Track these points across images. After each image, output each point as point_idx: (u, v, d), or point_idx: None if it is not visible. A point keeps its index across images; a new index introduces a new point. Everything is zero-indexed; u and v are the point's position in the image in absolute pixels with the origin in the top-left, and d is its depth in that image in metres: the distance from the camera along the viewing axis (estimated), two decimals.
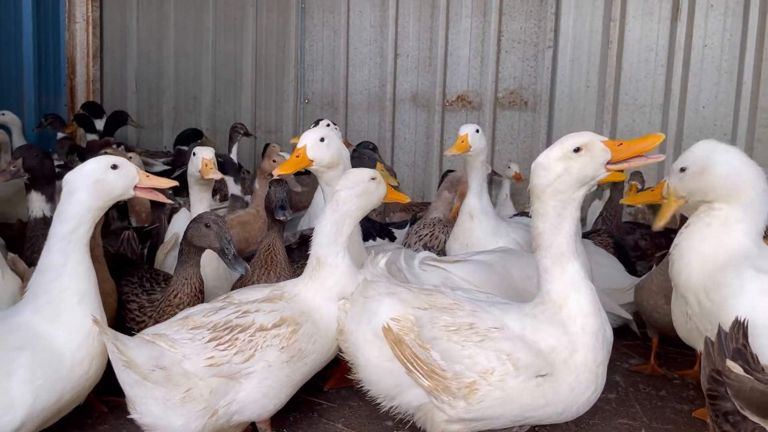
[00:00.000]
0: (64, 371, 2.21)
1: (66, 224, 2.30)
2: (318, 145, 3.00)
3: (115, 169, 2.37)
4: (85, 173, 2.34)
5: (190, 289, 2.74)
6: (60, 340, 2.21)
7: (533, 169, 2.35)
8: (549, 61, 6.45)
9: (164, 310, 2.75)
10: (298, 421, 2.91)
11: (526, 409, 2.35)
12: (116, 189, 2.38)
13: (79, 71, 7.90)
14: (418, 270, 3.18)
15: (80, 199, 2.31)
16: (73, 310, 2.26)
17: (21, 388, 2.08)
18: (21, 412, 2.09)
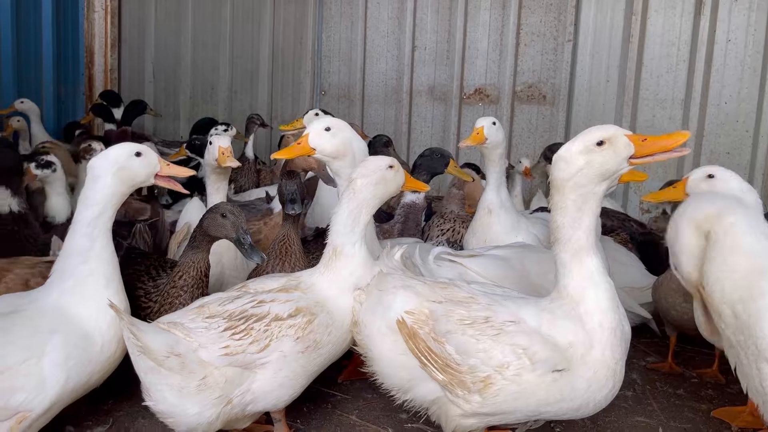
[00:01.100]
0: (95, 353, 2.27)
1: (92, 209, 2.36)
2: (322, 135, 2.96)
3: (138, 156, 2.44)
4: (110, 159, 2.40)
5: (196, 272, 2.73)
6: (90, 323, 2.26)
7: (554, 162, 2.32)
8: (568, 55, 6.38)
9: (168, 292, 2.74)
10: (312, 412, 2.90)
11: (542, 404, 2.32)
12: (139, 176, 2.45)
13: (98, 60, 7.93)
14: (433, 264, 3.15)
15: (105, 185, 2.37)
16: (100, 293, 2.31)
17: (54, 370, 2.14)
18: (53, 392, 2.15)
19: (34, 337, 2.15)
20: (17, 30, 6.69)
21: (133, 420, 2.74)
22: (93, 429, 2.67)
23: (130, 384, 2.71)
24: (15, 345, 2.12)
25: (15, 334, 2.15)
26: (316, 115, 4.74)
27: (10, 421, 2.08)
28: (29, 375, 2.09)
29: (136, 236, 3.79)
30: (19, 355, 2.10)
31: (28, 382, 2.08)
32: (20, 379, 2.07)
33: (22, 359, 2.10)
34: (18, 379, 2.07)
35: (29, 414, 2.10)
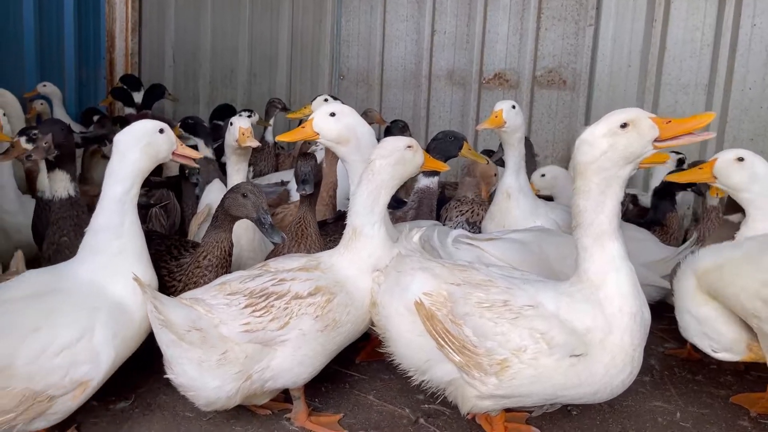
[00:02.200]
0: (135, 327, 2.33)
1: (122, 184, 2.40)
2: (326, 119, 2.97)
3: (162, 132, 2.49)
4: (137, 134, 2.44)
5: (220, 252, 2.77)
6: (127, 298, 2.31)
7: (577, 146, 2.30)
8: (590, 40, 6.30)
9: (193, 272, 2.77)
10: (330, 391, 2.94)
11: (559, 388, 2.32)
12: (162, 151, 2.51)
13: (118, 44, 7.97)
14: (451, 247, 3.16)
15: (134, 160, 2.41)
16: (132, 268, 2.35)
17: (104, 346, 2.22)
18: (105, 366, 2.24)
19: (82, 316, 2.21)
20: (39, 14, 6.74)
21: (154, 396, 2.79)
22: (116, 404, 2.72)
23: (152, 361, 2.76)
24: (68, 325, 2.18)
25: (65, 314, 2.20)
26: (325, 101, 4.74)
27: (74, 391, 2.18)
28: (86, 350, 2.18)
29: (152, 219, 3.84)
30: (74, 334, 2.17)
31: (86, 356, 2.18)
32: (80, 354, 2.17)
33: (78, 337, 2.17)
34: (78, 354, 2.16)
35: (90, 382, 2.20)
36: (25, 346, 2.09)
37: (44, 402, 2.12)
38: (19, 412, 2.08)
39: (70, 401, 2.18)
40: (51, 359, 2.11)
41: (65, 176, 2.98)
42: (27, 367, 2.08)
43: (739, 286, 2.58)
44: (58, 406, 2.17)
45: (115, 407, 2.70)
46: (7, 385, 2.05)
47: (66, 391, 2.15)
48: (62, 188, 2.98)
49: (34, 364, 2.09)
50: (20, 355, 2.08)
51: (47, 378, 2.10)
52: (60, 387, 2.13)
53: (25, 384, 2.07)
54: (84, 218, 2.99)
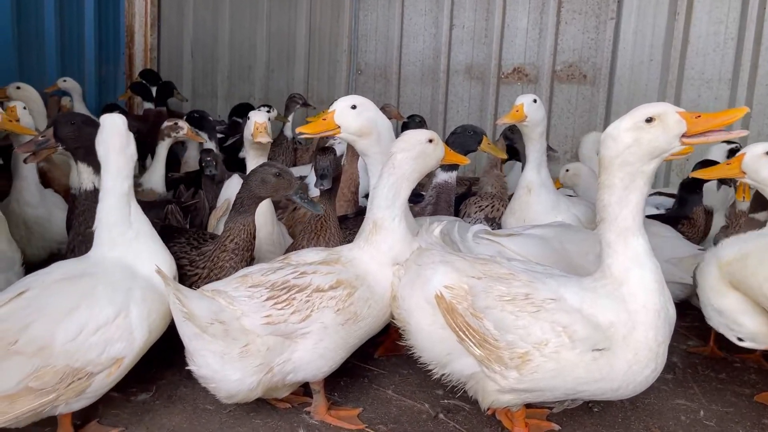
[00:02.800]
0: (165, 306, 2.38)
1: (127, 179, 2.50)
2: (347, 112, 2.95)
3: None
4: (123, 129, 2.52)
5: (246, 235, 2.78)
6: (155, 278, 2.38)
7: (602, 140, 2.28)
8: (611, 33, 6.24)
9: (219, 256, 2.79)
10: (349, 385, 2.93)
11: (581, 383, 2.30)
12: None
13: (137, 40, 8.04)
14: (471, 242, 3.13)
15: (132, 154, 2.52)
16: (153, 249, 2.48)
17: (139, 324, 2.31)
18: (139, 343, 2.31)
19: (117, 295, 2.29)
20: (60, 9, 6.81)
21: (175, 388, 2.81)
22: (137, 396, 2.74)
23: (173, 354, 2.78)
24: (104, 304, 2.26)
25: (101, 294, 2.28)
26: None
27: (110, 368, 2.26)
28: (121, 328, 2.26)
29: (168, 216, 3.86)
30: (110, 312, 2.25)
31: (121, 334, 2.26)
32: (115, 332, 2.24)
33: (114, 316, 2.25)
34: (114, 332, 2.24)
35: (124, 359, 2.28)
36: (63, 326, 2.17)
37: (84, 380, 2.19)
38: (61, 392, 2.15)
39: (105, 378, 2.25)
40: (88, 337, 2.19)
41: (88, 169, 2.98)
42: (66, 345, 2.15)
43: (763, 276, 2.55)
44: (96, 384, 2.24)
45: (137, 399, 2.72)
46: (48, 363, 2.13)
47: (103, 368, 2.23)
48: (87, 180, 2.98)
49: (73, 342, 2.17)
50: (59, 334, 2.16)
51: (86, 355, 2.18)
52: (97, 364, 2.21)
53: (65, 362, 2.15)
54: None
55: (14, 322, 2.15)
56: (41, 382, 2.11)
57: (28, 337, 2.12)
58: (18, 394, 2.09)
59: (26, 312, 2.17)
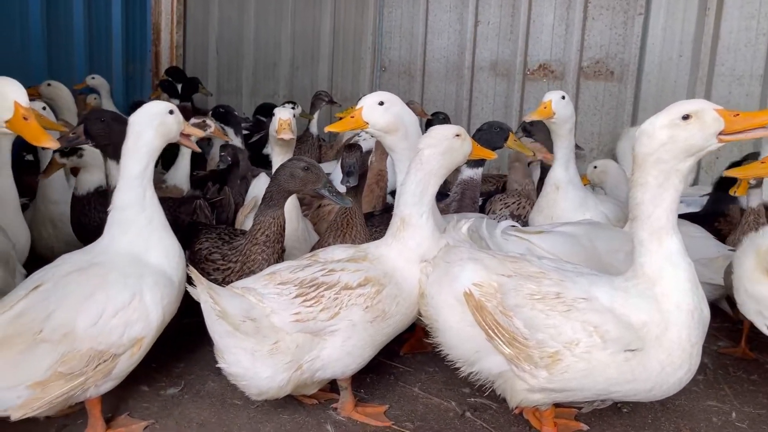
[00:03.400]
0: (176, 292, 2.46)
1: (140, 162, 2.49)
2: (375, 108, 2.93)
3: (171, 113, 2.58)
4: (151, 115, 2.52)
5: (276, 228, 2.80)
6: (165, 266, 2.44)
7: (637, 136, 2.24)
8: (639, 29, 6.15)
9: (250, 249, 2.80)
10: (375, 382, 2.93)
11: (612, 383, 2.27)
12: (172, 131, 2.60)
13: (164, 37, 8.11)
14: (499, 239, 3.11)
15: (149, 139, 2.50)
16: (162, 237, 2.51)
17: (153, 306, 2.35)
18: (155, 324, 2.37)
19: (130, 281, 2.34)
20: (89, 7, 6.89)
21: (203, 383, 2.83)
22: (166, 390, 2.77)
23: (199, 349, 2.81)
24: (119, 289, 2.30)
25: (115, 281, 2.32)
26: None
27: (132, 349, 2.32)
28: (138, 310, 2.32)
29: (197, 211, 3.89)
30: (126, 296, 2.30)
31: (139, 315, 2.32)
32: (133, 314, 2.30)
33: (129, 299, 2.30)
34: (132, 314, 2.30)
35: (144, 339, 2.34)
36: (83, 312, 2.23)
37: (109, 361, 2.26)
38: (89, 374, 2.22)
39: (129, 358, 2.32)
40: (108, 321, 2.25)
41: (116, 166, 2.98)
42: (88, 330, 2.22)
43: None
44: (120, 365, 2.31)
45: (166, 393, 2.74)
46: (73, 348, 2.19)
47: (125, 349, 2.29)
48: (116, 177, 2.99)
49: (95, 326, 2.23)
50: (80, 320, 2.22)
51: (108, 338, 2.25)
52: (120, 345, 2.28)
53: (89, 345, 2.22)
54: None
55: (36, 313, 2.21)
56: (69, 366, 2.18)
57: (51, 325, 2.19)
58: (49, 380, 2.15)
59: (46, 303, 2.23)
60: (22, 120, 2.30)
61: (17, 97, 2.30)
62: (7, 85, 2.30)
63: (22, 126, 2.30)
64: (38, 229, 3.83)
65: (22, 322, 2.18)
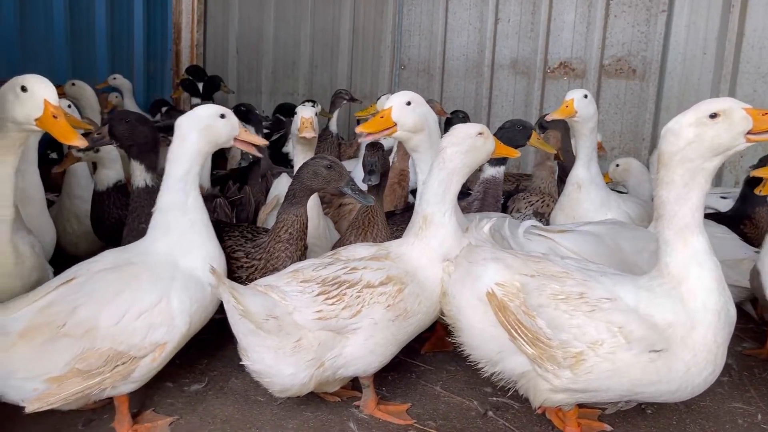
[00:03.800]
0: (207, 298, 2.43)
1: (182, 165, 2.49)
2: (403, 108, 2.93)
3: (222, 118, 2.56)
4: (197, 118, 2.52)
5: (299, 225, 2.81)
6: (199, 271, 2.41)
7: (662, 135, 2.22)
8: (662, 27, 6.08)
9: (274, 247, 2.81)
10: (397, 381, 2.93)
11: (637, 384, 2.25)
12: (221, 136, 2.57)
13: (184, 36, 8.17)
14: (522, 239, 3.10)
15: (192, 142, 2.49)
16: (203, 242, 2.48)
17: (180, 311, 2.33)
18: (180, 330, 2.33)
19: (159, 283, 2.33)
20: (111, 6, 6.96)
21: (227, 380, 2.85)
22: (190, 386, 2.79)
23: (222, 345, 2.83)
24: (147, 291, 2.30)
25: (144, 282, 2.33)
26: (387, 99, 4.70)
27: (153, 353, 2.30)
28: (162, 314, 2.30)
29: (217, 210, 3.92)
30: (152, 298, 2.29)
31: (163, 320, 2.30)
32: (157, 318, 2.29)
33: (155, 302, 2.29)
34: (155, 318, 2.28)
35: (166, 345, 2.31)
36: (107, 310, 2.24)
37: (128, 364, 2.25)
38: (106, 374, 2.22)
39: (150, 363, 2.30)
40: (131, 322, 2.24)
41: (140, 166, 3.05)
42: (110, 328, 2.22)
43: None
44: (140, 369, 2.29)
45: (190, 389, 2.77)
46: (93, 346, 2.20)
47: (146, 352, 2.28)
48: (139, 178, 3.05)
49: (117, 326, 2.23)
50: (103, 317, 2.22)
51: (129, 339, 2.24)
52: (141, 348, 2.26)
53: (109, 344, 2.21)
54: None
55: (63, 306, 2.23)
56: (87, 364, 2.18)
57: (75, 320, 2.20)
58: (66, 376, 2.17)
59: (74, 297, 2.25)
60: (51, 118, 2.32)
61: (47, 95, 2.32)
62: (37, 83, 2.32)
63: (51, 124, 2.32)
64: (63, 225, 3.88)
65: (48, 314, 2.21)
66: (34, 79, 2.33)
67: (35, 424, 2.46)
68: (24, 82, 2.31)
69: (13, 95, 2.31)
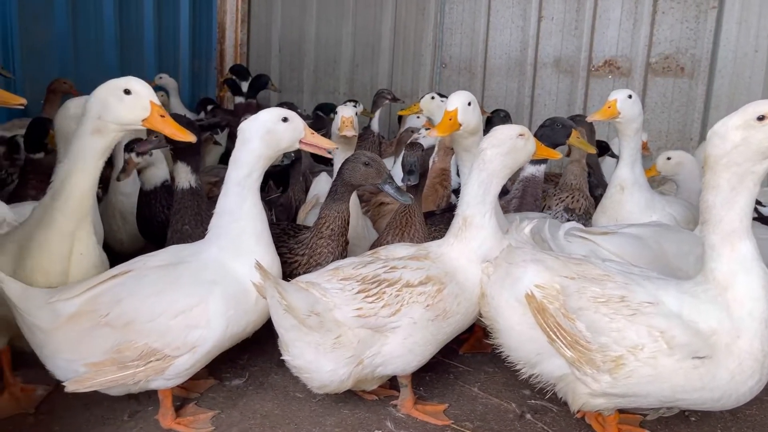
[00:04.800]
0: (250, 304, 2.43)
1: (241, 170, 2.48)
2: (467, 109, 2.96)
3: (285, 121, 2.52)
4: (259, 123, 2.50)
5: (341, 221, 2.83)
6: (245, 277, 2.40)
7: (709, 137, 2.17)
8: (712, 23, 5.90)
9: (316, 243, 2.84)
10: (434, 381, 2.94)
11: (679, 391, 2.21)
12: (284, 140, 2.54)
13: (228, 36, 8.31)
14: (563, 241, 3.06)
15: (253, 148, 2.48)
16: (252, 249, 2.46)
17: (217, 316, 2.34)
18: (216, 335, 2.35)
19: (200, 286, 2.36)
20: (158, 6, 7.14)
21: (266, 376, 2.91)
22: (231, 381, 2.86)
23: (262, 341, 2.88)
24: (187, 292, 2.34)
25: (186, 283, 2.37)
26: (432, 99, 4.70)
27: (187, 354, 2.33)
28: (200, 315, 2.32)
29: None
30: (191, 300, 2.33)
31: (199, 322, 2.32)
32: (194, 319, 2.32)
33: (193, 303, 2.33)
34: (192, 319, 2.31)
35: (200, 348, 2.33)
36: (146, 306, 2.29)
37: (161, 361, 2.29)
38: (139, 368, 2.28)
39: (184, 363, 2.33)
40: (167, 321, 2.29)
41: (186, 168, 3.10)
42: (146, 324, 2.28)
43: None
44: (175, 368, 2.32)
45: (231, 384, 2.83)
46: (130, 339, 2.27)
47: (180, 352, 2.31)
48: (184, 179, 3.10)
49: (153, 322, 2.28)
50: (141, 313, 2.28)
51: (164, 337, 2.28)
52: (174, 347, 2.29)
53: (144, 340, 2.27)
54: (204, 207, 3.13)
55: (110, 296, 2.31)
56: (122, 356, 2.25)
57: (117, 311, 2.28)
58: (103, 363, 2.25)
59: (121, 289, 2.32)
60: (159, 117, 2.42)
61: (151, 96, 2.41)
62: (141, 86, 2.40)
63: (160, 123, 2.42)
64: (108, 222, 3.98)
65: (96, 302, 2.29)
66: (136, 81, 2.41)
67: (85, 412, 2.56)
68: (126, 85, 2.38)
69: (116, 99, 2.37)
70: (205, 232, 3.01)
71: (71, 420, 2.52)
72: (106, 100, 2.37)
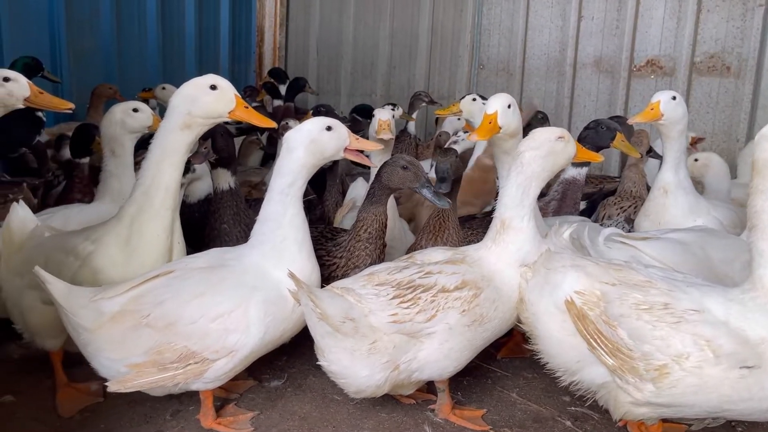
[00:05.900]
0: (288, 311, 2.45)
1: (285, 178, 2.51)
2: (506, 112, 2.94)
3: (329, 130, 2.54)
4: (304, 133, 2.53)
5: (379, 225, 2.83)
6: (285, 284, 2.42)
7: (757, 140, 2.12)
8: (759, 21, 5.73)
9: (354, 246, 2.85)
10: (472, 385, 2.92)
11: (725, 402, 2.15)
12: (329, 149, 2.56)
13: (267, 39, 8.41)
14: (603, 246, 3.00)
15: (297, 157, 2.50)
16: (293, 257, 2.49)
17: (256, 321, 2.37)
18: (254, 339, 2.37)
19: (241, 291, 2.39)
20: (199, 11, 7.27)
21: (304, 377, 2.93)
22: (270, 382, 2.89)
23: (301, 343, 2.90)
24: (227, 296, 2.37)
25: (227, 287, 2.40)
26: (473, 101, 4.66)
27: (225, 358, 2.35)
28: (239, 320, 2.35)
29: None
30: (230, 304, 2.36)
31: (238, 326, 2.34)
32: (232, 324, 2.34)
33: (233, 307, 2.36)
34: (231, 323, 2.34)
35: (238, 352, 2.36)
36: (187, 309, 2.33)
37: (200, 364, 2.32)
38: (178, 370, 2.31)
39: (222, 366, 2.35)
40: (207, 323, 2.32)
41: (226, 172, 3.21)
42: (187, 326, 2.31)
43: None
44: (213, 371, 2.35)
45: (270, 385, 2.86)
46: (170, 340, 2.31)
47: (218, 356, 2.34)
48: (224, 181, 3.20)
49: (194, 324, 2.31)
50: (183, 315, 2.32)
51: (203, 340, 2.31)
52: (213, 351, 2.32)
53: (184, 342, 2.31)
54: (242, 207, 3.23)
55: (152, 297, 2.35)
56: (162, 357, 2.29)
57: (158, 312, 2.31)
58: (144, 365, 2.29)
59: (163, 290, 2.36)
60: (245, 109, 2.59)
61: (234, 90, 2.56)
62: (225, 82, 2.56)
63: (246, 113, 2.60)
64: None
65: (138, 302, 2.33)
66: (219, 78, 2.57)
67: (129, 410, 2.62)
68: (212, 81, 2.55)
69: (204, 94, 2.53)
70: (241, 232, 3.07)
71: (116, 418, 2.58)
72: (195, 97, 2.53)
